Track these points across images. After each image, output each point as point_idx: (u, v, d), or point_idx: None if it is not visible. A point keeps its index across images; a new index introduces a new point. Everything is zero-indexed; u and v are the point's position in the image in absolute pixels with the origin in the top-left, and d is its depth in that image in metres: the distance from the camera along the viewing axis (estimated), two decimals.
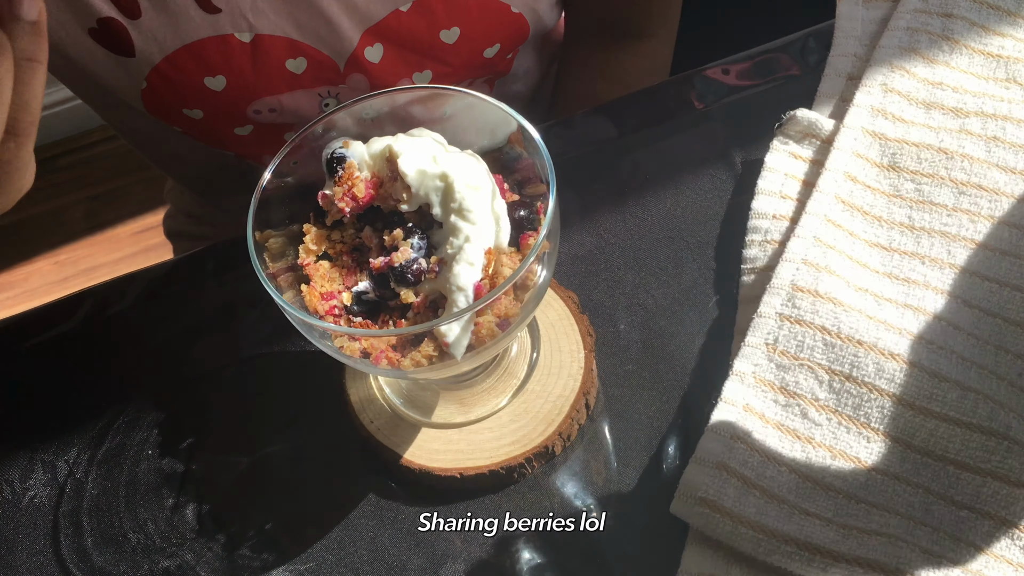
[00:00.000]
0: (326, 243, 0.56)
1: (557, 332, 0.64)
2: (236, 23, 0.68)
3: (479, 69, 0.79)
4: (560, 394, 0.61)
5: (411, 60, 0.75)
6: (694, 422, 0.60)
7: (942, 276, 0.63)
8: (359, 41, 0.72)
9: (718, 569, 0.55)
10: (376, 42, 0.72)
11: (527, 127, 0.54)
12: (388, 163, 0.54)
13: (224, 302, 0.72)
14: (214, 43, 0.69)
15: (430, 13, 0.72)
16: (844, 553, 0.52)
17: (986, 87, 0.72)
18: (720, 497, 0.55)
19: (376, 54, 0.73)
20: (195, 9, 0.67)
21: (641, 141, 0.76)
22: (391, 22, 0.71)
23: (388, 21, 0.71)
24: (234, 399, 0.67)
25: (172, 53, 0.69)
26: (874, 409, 0.58)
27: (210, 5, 0.67)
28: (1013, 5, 0.76)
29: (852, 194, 0.68)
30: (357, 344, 0.51)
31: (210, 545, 0.61)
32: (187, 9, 0.67)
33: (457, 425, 0.62)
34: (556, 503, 0.60)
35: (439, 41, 0.74)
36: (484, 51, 0.77)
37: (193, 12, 0.67)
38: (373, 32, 0.72)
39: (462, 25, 0.73)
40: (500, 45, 0.77)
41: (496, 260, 0.52)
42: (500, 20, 0.75)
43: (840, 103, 0.74)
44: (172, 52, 0.69)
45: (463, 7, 0.72)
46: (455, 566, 0.58)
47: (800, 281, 0.62)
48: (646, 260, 0.69)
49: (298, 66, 0.71)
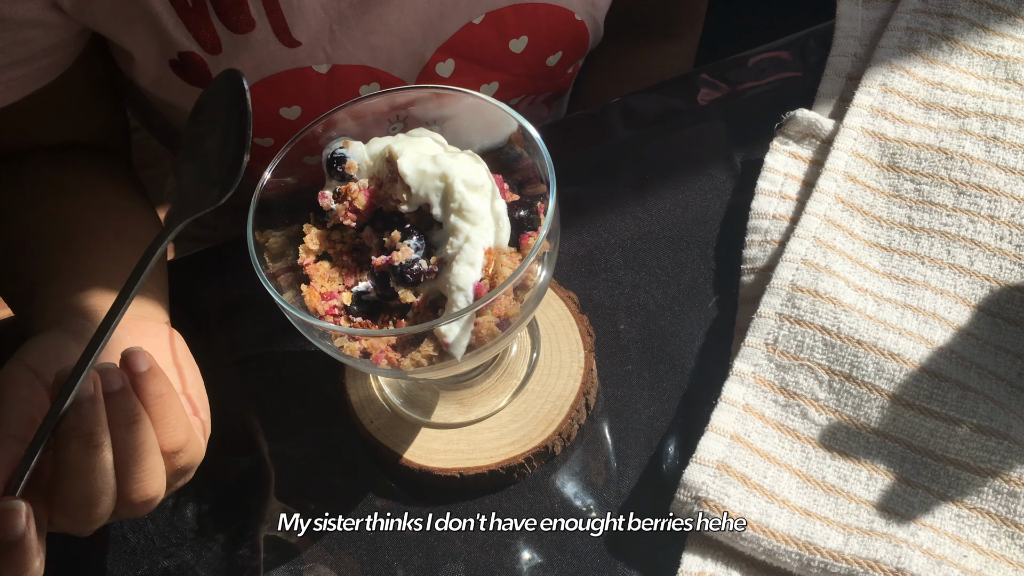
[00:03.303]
0: (326, 243, 0.56)
1: (557, 332, 0.64)
2: (314, 55, 0.69)
3: (541, 79, 0.81)
4: (560, 394, 0.61)
5: (479, 72, 0.77)
6: (694, 422, 0.60)
7: (942, 276, 0.63)
8: (431, 58, 0.73)
9: (718, 569, 0.55)
10: (448, 57, 0.74)
11: (527, 127, 0.54)
12: (388, 164, 0.54)
13: (224, 302, 0.72)
14: (292, 75, 0.70)
15: (501, 24, 0.73)
16: (844, 553, 0.52)
17: (986, 87, 0.72)
18: (720, 497, 0.55)
19: (447, 69, 0.74)
20: (275, 44, 0.67)
21: (641, 141, 0.76)
22: (464, 36, 0.72)
23: (461, 35, 0.72)
24: (234, 399, 0.67)
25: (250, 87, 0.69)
26: (874, 409, 0.58)
27: (291, 39, 0.67)
28: (1013, 5, 0.76)
29: (852, 194, 0.68)
30: (357, 344, 0.51)
31: (210, 545, 0.61)
32: (267, 44, 0.67)
33: (457, 425, 0.62)
34: (556, 503, 0.60)
35: (507, 51, 0.75)
36: (547, 59, 0.79)
37: (273, 47, 0.67)
38: (446, 48, 0.73)
39: (530, 34, 0.75)
40: (562, 53, 0.79)
41: (496, 260, 0.52)
42: (564, 28, 0.76)
43: (840, 103, 0.74)
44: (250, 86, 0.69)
45: (532, 16, 0.74)
46: (455, 566, 0.58)
47: (800, 281, 0.62)
48: (646, 260, 0.69)
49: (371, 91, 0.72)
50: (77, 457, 0.46)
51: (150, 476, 0.48)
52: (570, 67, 0.82)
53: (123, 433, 0.47)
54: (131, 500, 0.48)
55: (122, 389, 0.48)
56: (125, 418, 0.47)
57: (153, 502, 0.49)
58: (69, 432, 0.46)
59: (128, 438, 0.47)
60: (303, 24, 0.67)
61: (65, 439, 0.46)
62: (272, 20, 0.66)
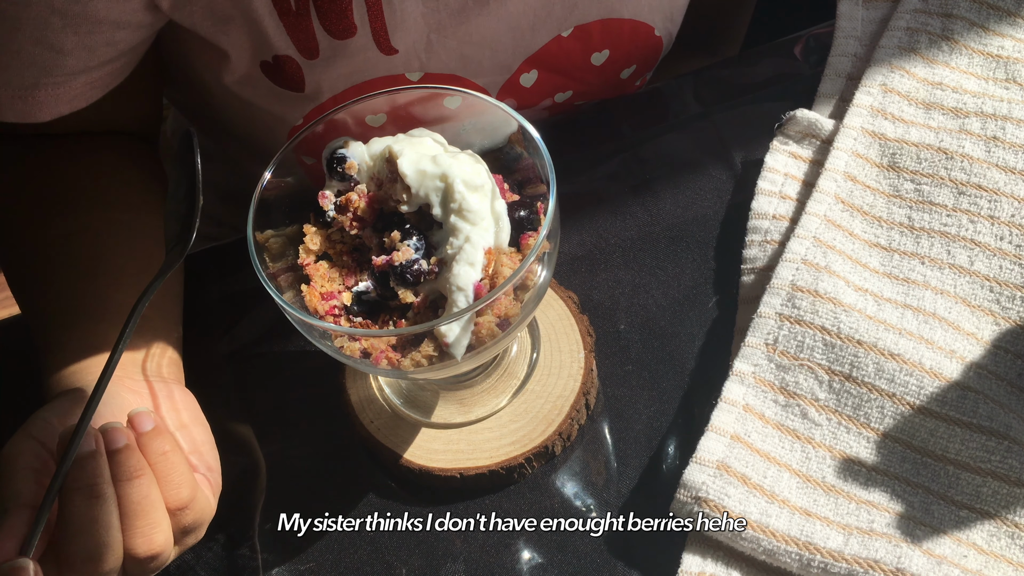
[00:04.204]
0: (326, 243, 0.56)
1: (557, 332, 0.64)
2: (409, 63, 0.69)
3: (612, 88, 0.82)
4: (560, 394, 0.61)
5: (559, 82, 0.77)
6: (694, 422, 0.60)
7: (942, 276, 0.63)
8: (517, 68, 0.74)
9: (718, 569, 0.55)
10: (532, 68, 0.74)
11: (527, 127, 0.54)
12: (388, 164, 0.54)
13: (224, 302, 0.72)
14: (383, 82, 0.69)
15: (587, 38, 0.74)
16: (844, 553, 0.52)
17: (986, 87, 0.72)
18: (720, 497, 0.55)
19: (530, 79, 0.75)
20: (373, 51, 0.67)
21: (641, 141, 0.76)
22: (551, 48, 0.73)
23: (549, 47, 0.73)
24: (234, 399, 0.67)
25: (340, 92, 0.69)
26: (874, 409, 0.58)
27: (389, 47, 0.67)
28: (1013, 5, 0.76)
29: (852, 194, 0.68)
30: (357, 344, 0.51)
31: (210, 545, 0.61)
32: (365, 51, 0.67)
33: (457, 425, 0.62)
34: (556, 503, 0.60)
35: (589, 63, 0.76)
36: (623, 72, 0.80)
37: (371, 54, 0.67)
38: (532, 59, 0.73)
39: (612, 48, 0.76)
40: (636, 66, 0.80)
41: (496, 260, 0.52)
42: (644, 42, 0.77)
43: (840, 103, 0.74)
44: (341, 91, 0.69)
45: (617, 30, 0.74)
46: (455, 566, 0.58)
47: (800, 281, 0.62)
48: (646, 260, 0.69)
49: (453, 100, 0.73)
50: (80, 510, 0.47)
51: (154, 530, 0.49)
52: (639, 79, 0.84)
53: (126, 488, 0.49)
54: (137, 555, 0.49)
55: (126, 446, 0.49)
56: (128, 473, 0.49)
57: (160, 558, 0.50)
58: (72, 486, 0.48)
59: (131, 492, 0.49)
60: (403, 32, 0.66)
61: (68, 493, 0.48)
62: (374, 27, 0.65)
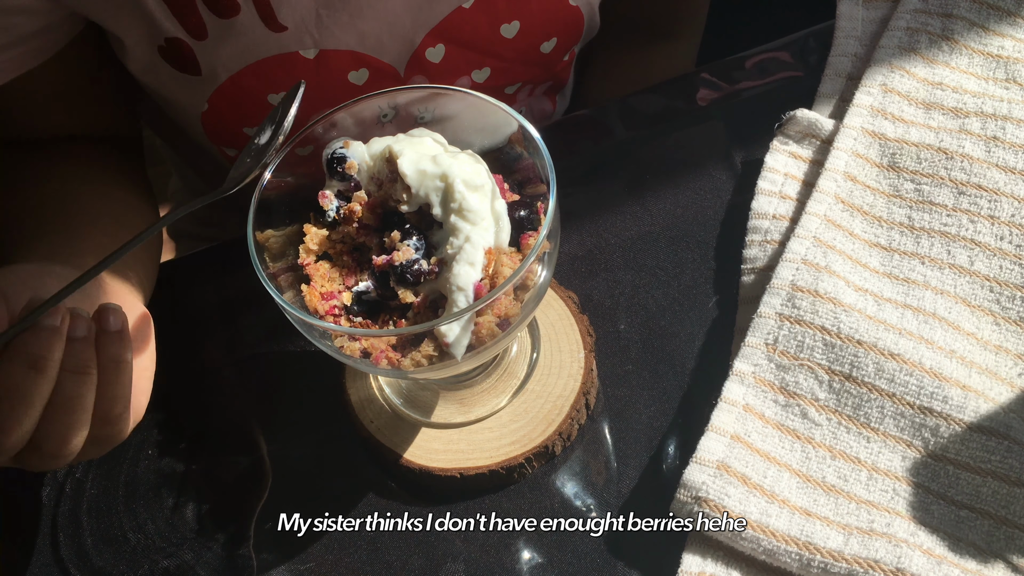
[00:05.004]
0: (326, 243, 0.56)
1: (557, 332, 0.64)
2: (301, 40, 0.69)
3: (535, 66, 0.80)
4: (560, 394, 0.61)
5: (471, 58, 0.76)
6: (694, 422, 0.60)
7: (942, 276, 0.63)
8: (420, 42, 0.73)
9: (718, 569, 0.55)
10: (438, 42, 0.73)
11: (527, 127, 0.54)
12: (388, 164, 0.54)
13: (224, 302, 0.72)
14: (279, 61, 0.69)
15: (492, 8, 0.72)
16: (844, 553, 0.52)
17: (986, 87, 0.72)
18: (720, 497, 0.55)
19: (437, 54, 0.74)
20: (261, 29, 0.67)
21: (641, 141, 0.76)
22: (454, 19, 0.72)
23: (451, 19, 0.72)
24: (234, 399, 0.67)
25: (237, 73, 0.69)
26: (874, 409, 0.58)
27: (276, 24, 0.67)
28: (1013, 5, 0.76)
29: (852, 194, 0.68)
30: (357, 344, 0.51)
31: (210, 545, 0.61)
32: (253, 29, 0.67)
33: (457, 425, 0.62)
34: (556, 503, 0.60)
35: (499, 36, 0.75)
36: (541, 45, 0.78)
37: (259, 32, 0.67)
38: (435, 32, 0.72)
39: (521, 18, 0.74)
40: (557, 40, 0.78)
41: (496, 260, 0.52)
42: (558, 13, 0.76)
43: (840, 103, 0.74)
44: (237, 72, 0.69)
45: (524, 0, 0.73)
46: (455, 566, 0.58)
47: (800, 281, 0.62)
48: (646, 260, 0.69)
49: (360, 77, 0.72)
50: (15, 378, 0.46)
51: (70, 431, 0.48)
52: (565, 54, 0.81)
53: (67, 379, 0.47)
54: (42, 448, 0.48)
55: (84, 338, 0.47)
56: (75, 366, 0.47)
57: (60, 461, 0.49)
58: (18, 351, 0.46)
59: (69, 385, 0.47)
60: (289, 8, 0.66)
61: (10, 357, 0.46)
62: (257, 4, 0.65)
